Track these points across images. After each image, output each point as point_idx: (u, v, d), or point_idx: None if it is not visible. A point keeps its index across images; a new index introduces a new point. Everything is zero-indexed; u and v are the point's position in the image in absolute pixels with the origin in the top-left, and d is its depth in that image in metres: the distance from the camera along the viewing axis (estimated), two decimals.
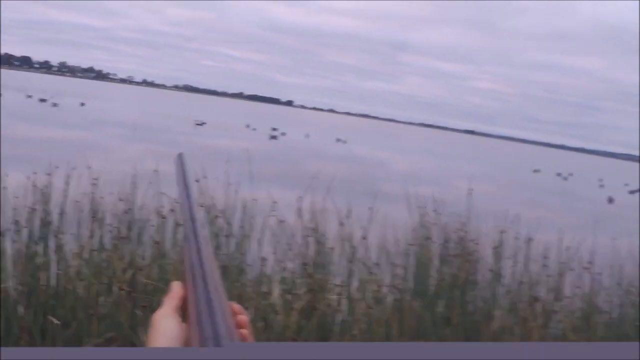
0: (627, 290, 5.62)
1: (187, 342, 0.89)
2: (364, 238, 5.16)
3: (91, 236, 5.14)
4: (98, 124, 45.95)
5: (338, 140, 77.79)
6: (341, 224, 5.26)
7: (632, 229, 6.84)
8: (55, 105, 61.02)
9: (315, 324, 4.22)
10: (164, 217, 5.23)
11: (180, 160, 1.24)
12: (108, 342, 3.96)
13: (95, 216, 5.25)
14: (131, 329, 3.90)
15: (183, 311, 0.96)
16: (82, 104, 71.58)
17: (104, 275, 4.79)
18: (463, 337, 4.73)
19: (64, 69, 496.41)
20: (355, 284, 4.87)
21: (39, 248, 4.88)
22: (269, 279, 4.87)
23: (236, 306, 0.97)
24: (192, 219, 1.05)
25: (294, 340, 3.60)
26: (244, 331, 0.92)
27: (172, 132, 47.72)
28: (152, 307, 4.35)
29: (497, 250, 5.67)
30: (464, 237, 5.86)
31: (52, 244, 4.99)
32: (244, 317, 0.95)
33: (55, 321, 4.05)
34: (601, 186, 64.50)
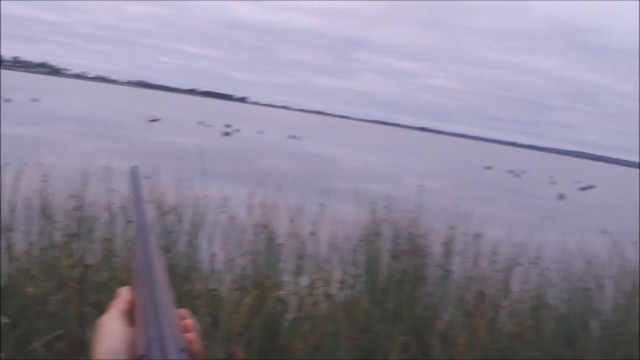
0: (575, 286, 5.70)
1: (132, 345, 0.90)
2: (313, 234, 5.19)
3: (41, 234, 5.10)
4: (51, 120, 45.43)
5: (291, 137, 77.73)
6: (292, 220, 5.28)
7: (583, 225, 6.96)
8: (8, 101, 60.17)
9: (263, 320, 4.23)
10: (113, 214, 5.21)
11: (134, 172, 1.25)
12: (56, 340, 3.94)
13: (46, 213, 5.21)
14: (79, 327, 3.89)
15: (130, 315, 0.98)
16: (35, 100, 70.65)
17: (54, 273, 4.76)
18: (412, 333, 4.77)
19: (18, 64, 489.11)
20: (305, 280, 4.89)
21: None
22: (218, 275, 4.88)
23: (183, 311, 0.99)
24: (143, 226, 1.07)
25: (241, 335, 3.61)
26: (191, 335, 0.93)
27: (126, 128, 47.34)
28: (100, 304, 4.34)
29: (447, 246, 5.73)
30: (414, 233, 5.91)
31: (2, 242, 4.95)
32: (190, 322, 0.97)
33: (5, 320, 4.02)
34: (552, 183, 65.18)
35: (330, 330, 4.05)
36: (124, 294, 1.02)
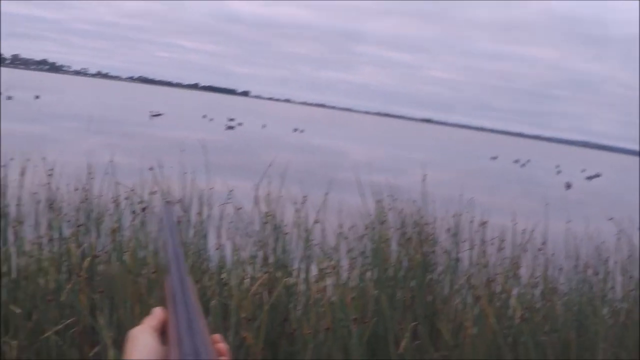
0: (583, 272, 5.70)
1: None
2: (317, 222, 5.19)
3: (49, 226, 5.12)
4: (53, 117, 45.47)
5: (295, 130, 77.73)
6: (297, 210, 5.29)
7: (590, 213, 6.95)
8: (9, 98, 60.17)
9: (271, 308, 4.25)
10: (118, 205, 5.23)
11: (167, 209, 1.37)
12: (68, 328, 3.96)
13: (52, 206, 5.23)
14: (90, 315, 3.91)
15: (162, 334, 1.01)
16: (37, 97, 70.69)
17: (63, 263, 4.79)
18: (422, 319, 4.78)
19: (17, 62, 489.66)
20: (312, 268, 4.90)
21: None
22: (226, 265, 4.89)
23: (216, 335, 1.02)
24: (177, 255, 1.14)
25: (250, 321, 3.62)
26: (224, 359, 0.96)
27: (128, 124, 47.36)
28: (109, 292, 4.37)
29: (453, 233, 5.73)
30: (420, 221, 5.91)
31: (10, 235, 4.98)
32: (223, 346, 1.00)
33: (17, 310, 4.05)
34: (558, 172, 65.15)
35: (339, 316, 4.05)
36: (156, 313, 1.05)
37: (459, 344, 4.16)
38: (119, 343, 3.67)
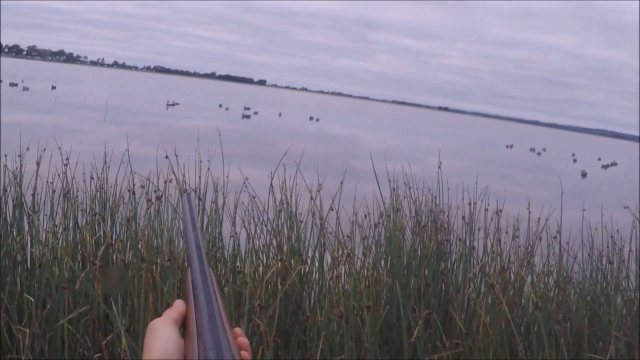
0: (598, 260, 5.68)
1: (185, 356, 0.91)
2: (332, 209, 5.20)
3: (64, 215, 5.15)
4: (70, 107, 45.64)
5: (311, 118, 77.72)
6: (312, 198, 5.29)
7: (605, 202, 6.89)
8: (26, 89, 60.46)
9: (284, 296, 4.26)
10: (133, 193, 5.25)
11: (188, 199, 1.33)
12: (81, 316, 3.99)
13: (68, 195, 5.25)
14: (104, 302, 3.93)
15: (182, 327, 0.99)
16: (54, 88, 70.98)
17: (78, 252, 4.81)
18: (436, 307, 4.78)
19: (34, 53, 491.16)
20: (326, 256, 4.90)
21: (13, 229, 4.89)
22: (240, 253, 4.90)
23: (237, 330, 1.00)
24: (198, 247, 1.12)
25: (262, 309, 3.63)
26: (245, 354, 0.94)
27: (145, 114, 47.50)
28: (124, 280, 4.39)
29: (468, 222, 5.73)
30: (434, 209, 5.91)
31: (25, 224, 5.00)
32: (244, 340, 0.98)
33: (31, 299, 4.08)
34: (574, 161, 65.00)
35: (352, 304, 4.06)
36: (177, 305, 1.03)
37: (472, 333, 4.16)
38: (132, 331, 3.70)
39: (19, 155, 5.55)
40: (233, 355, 0.86)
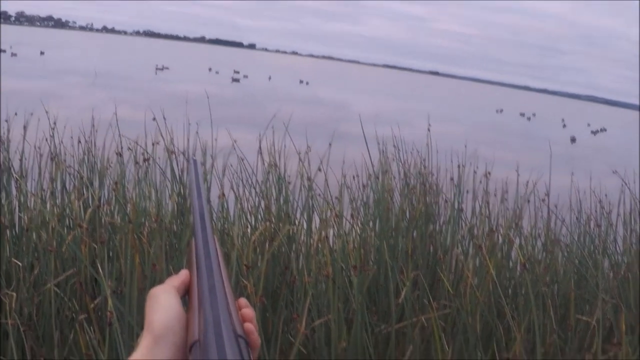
0: (586, 224, 5.71)
1: (186, 329, 0.90)
2: (320, 170, 5.19)
3: (52, 179, 5.12)
4: (58, 72, 45.37)
5: (301, 82, 77.58)
6: (300, 160, 5.28)
7: (594, 167, 6.92)
8: (14, 55, 60.02)
9: (272, 257, 4.26)
10: (120, 156, 5.23)
11: (194, 165, 1.31)
12: (69, 279, 3.98)
13: (55, 159, 5.23)
14: (91, 265, 3.92)
15: (184, 296, 0.98)
16: (42, 53, 70.55)
17: (65, 215, 4.80)
18: (424, 269, 4.80)
19: (22, 19, 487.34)
20: (314, 218, 4.90)
21: (2, 194, 4.87)
22: (229, 215, 4.90)
23: (242, 300, 0.98)
24: (202, 216, 1.10)
25: (249, 269, 3.63)
26: (249, 325, 0.92)
27: (134, 79, 47.28)
28: (111, 242, 4.39)
29: (457, 184, 5.74)
30: (423, 172, 5.91)
31: (13, 189, 4.98)
32: (249, 311, 0.96)
33: (19, 263, 4.07)
34: (564, 126, 65.11)
35: (339, 265, 4.07)
36: (181, 274, 1.02)
37: (459, 294, 4.18)
38: (120, 293, 3.70)
39: (6, 121, 5.52)
40: (234, 328, 0.85)
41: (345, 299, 4.06)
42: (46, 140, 5.52)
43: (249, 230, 4.79)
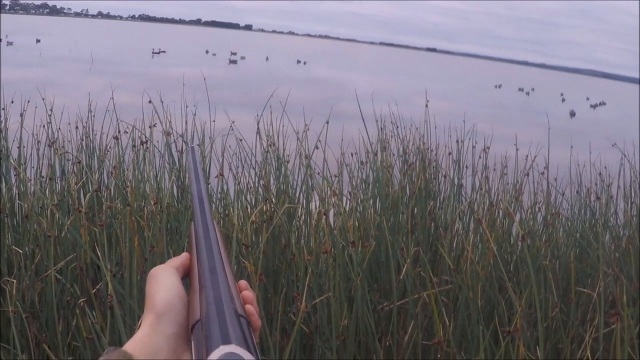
0: (586, 198, 5.70)
1: (187, 310, 0.90)
2: (317, 148, 5.18)
3: (50, 165, 5.12)
4: (55, 60, 45.27)
5: (298, 62, 77.52)
6: (298, 139, 5.28)
7: (594, 141, 6.90)
8: (10, 43, 59.86)
9: (272, 235, 4.26)
10: (117, 139, 5.23)
11: (192, 152, 1.33)
12: (69, 263, 3.98)
13: (53, 145, 5.23)
14: (92, 249, 3.92)
15: (185, 278, 0.99)
16: (38, 41, 70.42)
17: (65, 201, 4.80)
18: (425, 244, 4.80)
19: (17, 7, 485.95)
20: (314, 196, 4.90)
21: (1, 182, 4.88)
22: (229, 195, 4.90)
23: (242, 282, 0.98)
24: (201, 200, 1.11)
25: (248, 248, 3.63)
26: (249, 307, 0.91)
27: (131, 64, 47.17)
28: (110, 225, 4.39)
29: (456, 160, 5.74)
30: (422, 148, 5.91)
31: (12, 177, 4.99)
32: (249, 293, 0.96)
33: (19, 251, 4.08)
34: (563, 100, 65.08)
35: (339, 241, 4.07)
36: (182, 256, 1.03)
37: (461, 270, 4.18)
38: (121, 277, 3.70)
39: (3, 109, 5.52)
40: (235, 308, 0.85)
41: (347, 277, 4.07)
42: (44, 127, 5.52)
43: (248, 209, 4.79)
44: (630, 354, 3.64)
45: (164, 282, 0.93)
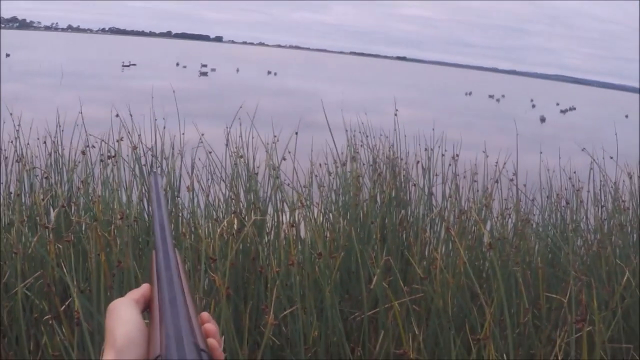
0: (557, 203, 5.73)
1: (148, 344, 0.88)
2: (284, 159, 5.19)
3: (18, 180, 5.08)
4: (25, 74, 44.91)
5: (269, 72, 77.62)
6: (267, 151, 5.27)
7: (564, 146, 6.93)
8: None
9: (242, 247, 4.25)
10: (84, 154, 5.20)
11: (155, 178, 1.30)
12: (37, 280, 3.95)
13: (21, 161, 5.19)
14: (58, 265, 3.89)
15: (144, 310, 0.96)
16: (7, 55, 69.94)
17: (31, 217, 4.76)
18: (396, 253, 4.80)
19: None
20: (283, 206, 4.89)
21: None
22: (198, 208, 4.89)
23: (205, 314, 0.96)
24: (162, 228, 1.09)
25: (215, 261, 3.62)
26: (212, 341, 0.90)
27: (101, 77, 46.96)
28: (77, 241, 4.35)
29: (426, 168, 5.76)
30: (392, 157, 5.92)
31: None
32: (212, 326, 0.94)
33: None
34: (533, 106, 65.57)
35: (308, 252, 4.06)
36: (142, 288, 1.00)
37: (431, 278, 4.18)
38: (89, 292, 3.67)
39: None
40: (197, 342, 0.83)
41: (318, 288, 4.06)
42: (11, 142, 5.48)
43: (217, 222, 4.77)
44: (603, 357, 3.67)
45: (123, 316, 0.91)
